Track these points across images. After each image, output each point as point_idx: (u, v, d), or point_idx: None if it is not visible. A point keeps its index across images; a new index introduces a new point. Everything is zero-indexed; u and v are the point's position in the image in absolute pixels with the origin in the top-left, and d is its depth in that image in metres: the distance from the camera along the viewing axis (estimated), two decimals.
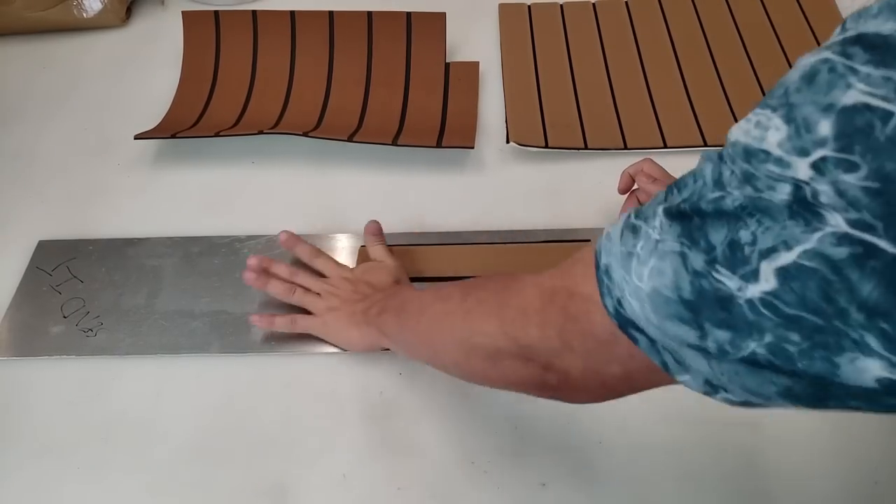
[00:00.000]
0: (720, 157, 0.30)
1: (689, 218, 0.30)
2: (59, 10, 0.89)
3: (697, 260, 0.29)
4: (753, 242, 0.27)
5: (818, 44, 0.82)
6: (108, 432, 0.57)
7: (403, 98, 0.79)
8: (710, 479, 0.53)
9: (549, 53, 0.84)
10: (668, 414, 0.56)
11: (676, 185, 0.32)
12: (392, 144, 0.73)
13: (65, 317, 0.64)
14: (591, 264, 0.35)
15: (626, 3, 0.89)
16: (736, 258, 0.28)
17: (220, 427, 0.57)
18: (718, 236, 0.29)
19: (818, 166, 0.25)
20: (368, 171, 0.74)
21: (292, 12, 0.82)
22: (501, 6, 0.90)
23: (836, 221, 0.25)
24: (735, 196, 0.28)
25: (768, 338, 0.28)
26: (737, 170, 0.28)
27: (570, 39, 0.86)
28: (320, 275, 0.63)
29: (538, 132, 0.75)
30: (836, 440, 0.54)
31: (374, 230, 0.65)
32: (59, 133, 0.80)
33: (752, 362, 0.29)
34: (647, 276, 0.31)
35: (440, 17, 0.80)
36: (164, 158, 0.77)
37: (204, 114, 0.79)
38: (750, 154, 0.28)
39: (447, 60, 0.81)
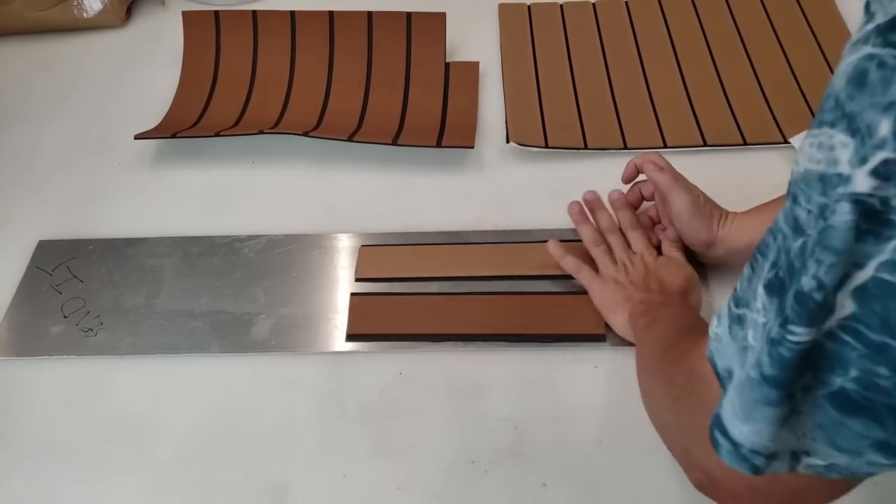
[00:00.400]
0: (792, 197, 0.26)
1: (784, 286, 0.26)
2: (59, 10, 0.89)
3: (774, 328, 0.26)
4: (820, 287, 0.24)
5: (818, 44, 0.82)
6: (108, 432, 0.57)
7: (403, 98, 0.79)
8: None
9: (549, 53, 0.84)
10: None
11: (759, 250, 0.29)
12: (392, 144, 0.73)
13: (65, 317, 0.64)
14: (713, 377, 0.33)
15: (626, 3, 0.89)
16: (807, 305, 0.25)
17: (219, 427, 0.57)
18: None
19: (879, 172, 0.23)
20: (368, 171, 0.74)
21: (292, 12, 0.82)
22: (501, 6, 0.90)
23: None
24: (814, 237, 0.25)
25: (853, 371, 0.25)
26: (814, 206, 0.25)
27: (570, 39, 0.85)
28: (628, 246, 0.63)
29: (538, 132, 0.75)
30: None
31: (674, 237, 0.61)
32: (59, 133, 0.80)
33: (842, 401, 0.26)
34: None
35: (440, 17, 0.80)
36: (164, 158, 0.77)
37: (204, 114, 0.79)
38: (826, 182, 0.24)
39: (447, 60, 0.81)
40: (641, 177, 0.64)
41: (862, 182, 0.23)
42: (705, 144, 0.73)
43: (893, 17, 0.23)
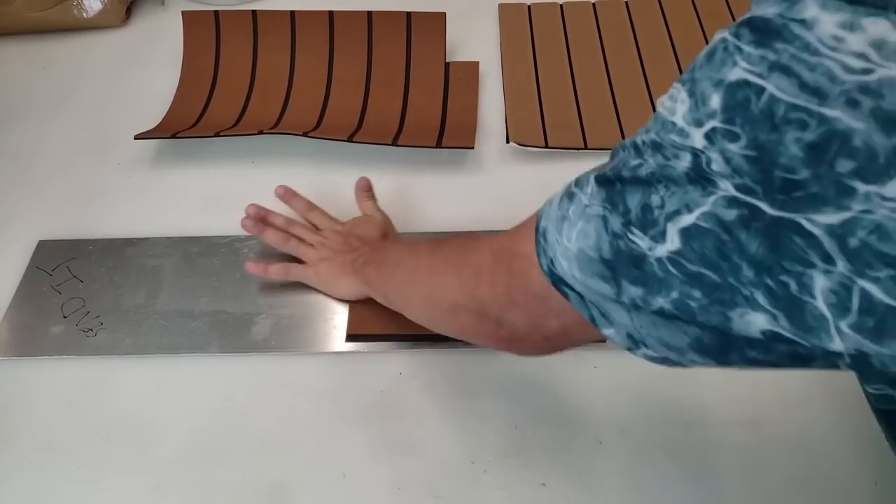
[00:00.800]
0: (645, 126, 0.32)
1: (612, 184, 0.33)
2: (59, 10, 0.89)
3: (616, 222, 0.32)
4: (662, 206, 0.30)
5: None
6: (108, 432, 0.57)
7: (403, 98, 0.79)
8: (711, 480, 0.53)
9: (549, 53, 0.84)
10: (668, 414, 0.56)
11: (611, 154, 0.35)
12: (392, 144, 0.73)
13: (65, 317, 0.64)
14: (533, 227, 0.38)
15: (626, 3, 0.89)
16: (647, 220, 0.31)
17: (219, 427, 0.57)
18: (634, 200, 0.31)
19: (710, 136, 0.28)
20: (368, 171, 0.74)
21: (292, 12, 0.82)
22: (501, 6, 0.90)
23: (726, 186, 0.28)
24: (649, 163, 0.31)
25: (674, 294, 0.30)
26: (647, 138, 0.31)
27: (570, 39, 0.86)
28: (314, 228, 0.67)
29: (538, 132, 0.75)
30: (835, 440, 0.54)
31: (364, 186, 0.68)
32: (59, 133, 0.80)
33: (662, 315, 0.31)
34: (574, 237, 0.34)
35: (440, 17, 0.80)
36: (164, 158, 0.77)
37: (204, 114, 0.79)
38: (663, 125, 0.30)
39: (447, 60, 0.81)
40: None
41: (698, 140, 0.28)
42: None
43: (751, 16, 0.28)
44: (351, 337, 0.61)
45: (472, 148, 0.73)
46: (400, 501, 0.53)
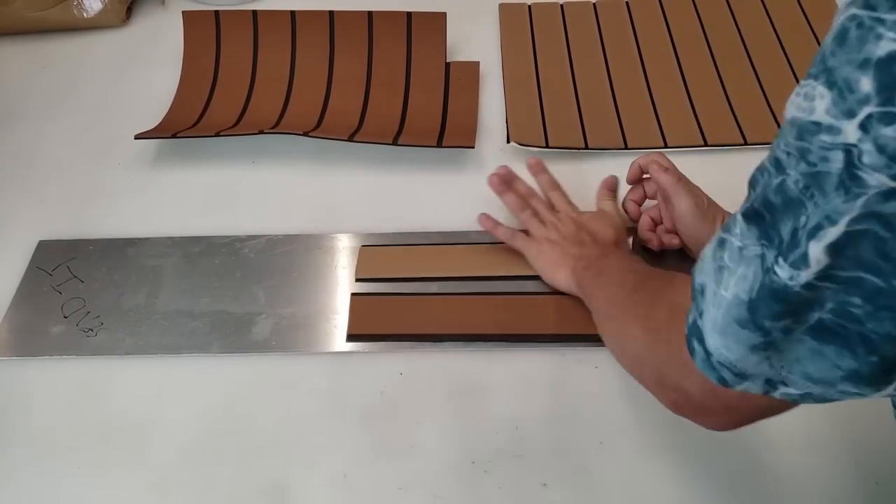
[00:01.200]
0: (781, 137, 0.29)
1: (761, 216, 0.29)
2: (59, 10, 0.89)
3: (770, 257, 0.29)
4: (805, 224, 0.26)
5: (818, 44, 0.82)
6: (109, 432, 0.57)
7: (403, 98, 0.79)
8: (711, 480, 0.53)
9: (550, 53, 0.84)
10: (669, 414, 0.55)
11: (750, 183, 0.31)
12: (392, 144, 0.73)
13: (65, 317, 0.64)
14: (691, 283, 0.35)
15: (627, 3, 0.89)
16: (791, 245, 0.27)
17: (220, 427, 0.57)
18: (787, 228, 0.28)
19: (865, 125, 0.24)
20: (368, 171, 0.74)
21: (292, 12, 0.82)
22: (501, 6, 0.90)
23: (879, 181, 0.24)
24: (794, 177, 0.27)
25: (830, 304, 0.27)
26: (792, 149, 0.27)
27: (571, 39, 0.85)
28: (552, 207, 0.66)
29: (538, 132, 0.75)
30: (836, 440, 0.54)
31: (611, 184, 0.68)
32: (59, 133, 0.80)
33: (819, 332, 0.28)
34: (732, 284, 0.31)
35: (440, 17, 0.80)
36: (164, 158, 0.77)
37: (204, 114, 0.79)
38: (802, 129, 0.27)
39: (447, 60, 0.81)
40: (645, 175, 0.64)
41: (852, 133, 0.25)
42: (706, 144, 0.73)
43: None
44: (351, 337, 0.61)
45: (473, 147, 0.73)
46: (400, 501, 0.53)
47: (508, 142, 0.74)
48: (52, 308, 0.64)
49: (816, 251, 0.26)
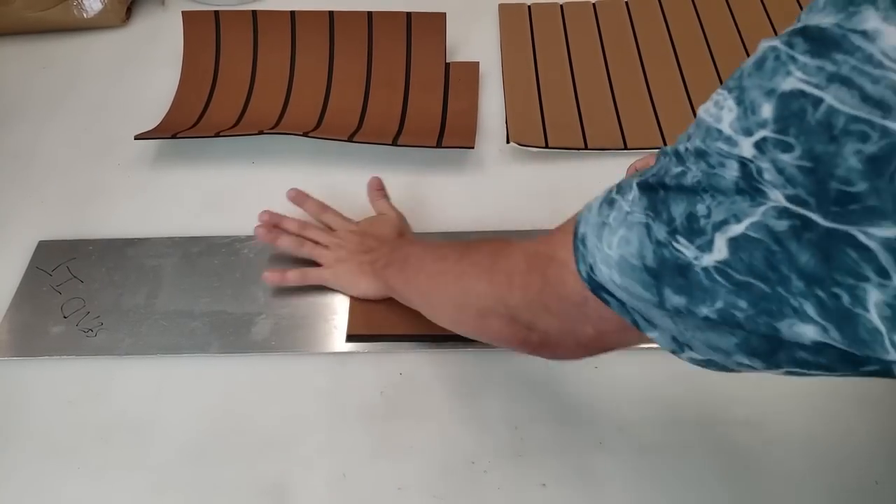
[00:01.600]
0: (687, 132, 0.32)
1: (655, 191, 0.32)
2: (59, 10, 0.89)
3: (660, 231, 0.31)
4: (708, 215, 0.30)
5: None
6: (108, 432, 0.57)
7: (403, 98, 0.79)
8: (711, 480, 0.53)
9: (549, 53, 0.84)
10: (669, 415, 0.56)
11: (656, 159, 0.34)
12: (392, 144, 0.73)
13: (65, 317, 0.64)
14: (571, 232, 0.38)
15: (626, 3, 0.89)
16: (693, 229, 0.30)
17: (220, 427, 0.57)
18: (678, 209, 0.31)
19: (760, 146, 0.28)
20: (368, 171, 0.74)
21: (292, 12, 0.82)
22: (501, 6, 0.90)
23: (777, 197, 0.27)
24: (693, 172, 0.30)
25: (719, 304, 0.30)
26: (691, 146, 0.31)
27: (570, 39, 0.86)
28: (329, 229, 0.66)
29: (538, 132, 0.75)
30: (836, 440, 0.54)
31: (377, 185, 0.68)
32: (59, 133, 0.80)
33: (708, 323, 0.31)
34: (615, 244, 0.34)
35: (440, 17, 0.80)
36: (164, 158, 0.77)
37: (204, 114, 0.79)
38: (707, 132, 0.30)
39: (447, 60, 0.81)
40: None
41: (747, 149, 0.28)
42: None
43: (804, 26, 0.28)
44: (351, 337, 0.61)
45: (473, 148, 0.73)
46: (400, 502, 0.53)
47: (508, 142, 0.74)
48: (52, 308, 0.64)
49: (720, 241, 0.29)
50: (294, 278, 0.63)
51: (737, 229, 0.29)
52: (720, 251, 0.29)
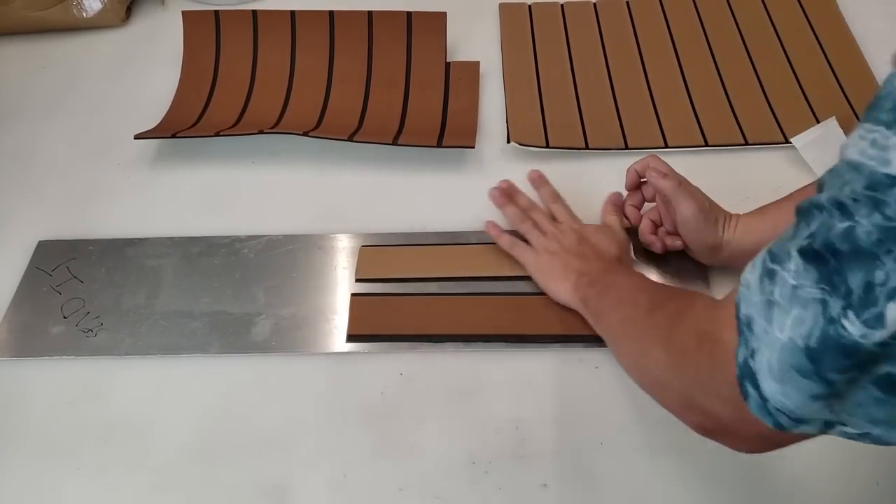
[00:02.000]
0: (840, 178, 0.28)
1: (824, 260, 0.28)
2: (58, 9, 0.89)
3: (836, 306, 0.27)
4: (885, 282, 0.26)
5: (819, 44, 0.82)
6: (108, 432, 0.57)
7: (403, 98, 0.79)
8: (711, 481, 0.52)
9: (550, 53, 0.84)
10: (669, 415, 0.55)
11: (802, 214, 0.30)
12: (392, 144, 0.73)
13: (65, 317, 0.64)
14: (733, 311, 0.34)
15: (627, 2, 0.89)
16: (866, 301, 0.26)
17: (220, 427, 0.57)
18: (856, 279, 0.27)
19: None
20: (368, 171, 0.74)
21: (292, 12, 0.82)
22: (502, 6, 0.90)
23: None
24: (866, 227, 0.26)
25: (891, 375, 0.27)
26: (861, 196, 0.27)
27: (571, 39, 0.85)
28: (553, 219, 0.65)
29: (539, 132, 0.75)
30: (836, 440, 0.54)
31: (616, 200, 0.66)
32: (59, 133, 0.80)
33: (886, 384, 0.27)
34: (789, 325, 0.30)
35: (440, 17, 0.80)
36: (164, 158, 0.77)
37: (204, 113, 0.79)
38: (875, 180, 0.26)
39: (447, 60, 0.81)
40: (643, 179, 0.64)
41: None
42: (706, 144, 0.73)
43: None
44: (351, 337, 0.61)
45: (473, 147, 0.73)
46: (400, 502, 0.53)
47: (508, 142, 0.74)
48: (52, 308, 0.64)
49: (893, 314, 0.25)
50: (506, 242, 0.64)
51: None
52: (893, 324, 0.26)
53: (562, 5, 0.89)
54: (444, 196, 0.71)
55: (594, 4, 0.89)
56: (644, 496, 0.52)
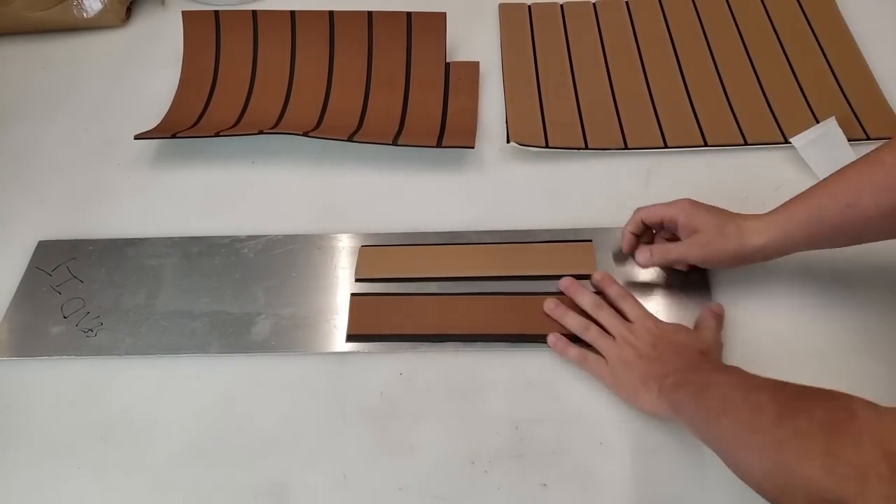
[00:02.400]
0: None
1: None
2: (58, 10, 0.89)
3: None
4: None
5: (819, 44, 0.82)
6: (108, 432, 0.57)
7: (403, 98, 0.79)
8: (711, 480, 0.52)
9: (550, 53, 0.84)
10: None
11: None
12: (392, 144, 0.73)
13: (65, 317, 0.64)
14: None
15: (627, 2, 0.89)
16: None
17: (220, 427, 0.57)
18: None
19: None
20: (368, 171, 0.74)
21: (292, 12, 0.82)
22: (501, 6, 0.90)
23: None
24: None
25: None
26: None
27: (571, 39, 0.85)
28: (623, 318, 0.59)
29: (538, 132, 0.75)
30: None
31: (718, 312, 0.59)
32: (59, 133, 0.80)
33: None
34: None
35: (440, 17, 0.80)
36: (164, 158, 0.77)
37: (204, 114, 0.79)
38: None
39: (447, 60, 0.81)
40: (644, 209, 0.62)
41: None
42: (706, 144, 0.73)
43: None
44: (351, 337, 0.61)
45: (473, 147, 0.73)
46: (400, 501, 0.53)
47: (508, 142, 0.74)
48: (52, 308, 0.64)
49: None
50: (574, 356, 0.58)
51: None
52: None
53: (561, 5, 0.89)
54: (444, 196, 0.72)
55: (594, 5, 0.89)
56: (643, 496, 0.52)
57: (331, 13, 0.82)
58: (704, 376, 0.50)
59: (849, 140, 0.70)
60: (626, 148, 0.74)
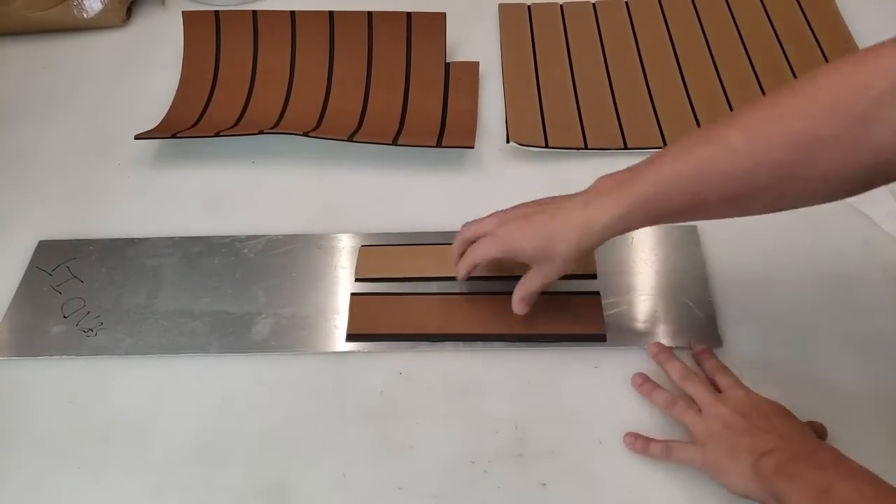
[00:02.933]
0: None
1: None
2: (59, 10, 0.89)
3: None
4: None
5: (819, 44, 0.82)
6: (108, 432, 0.57)
7: (403, 98, 0.79)
8: (711, 481, 0.52)
9: (549, 53, 0.84)
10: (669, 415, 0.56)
11: None
12: (392, 144, 0.73)
13: (65, 317, 0.64)
14: None
15: (626, 3, 0.89)
16: None
17: (220, 427, 0.57)
18: None
19: None
20: (368, 171, 0.74)
21: (292, 12, 0.82)
22: (501, 6, 0.90)
23: None
24: None
25: None
26: None
27: (570, 39, 0.86)
28: (713, 387, 0.54)
29: (538, 132, 0.75)
30: (835, 441, 0.54)
31: (819, 428, 0.53)
32: (60, 133, 0.80)
33: None
34: None
35: (440, 17, 0.80)
36: (164, 158, 0.77)
37: (204, 114, 0.79)
38: None
39: (447, 60, 0.81)
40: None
41: None
42: None
43: None
44: (351, 337, 0.61)
45: (472, 148, 0.73)
46: (400, 501, 0.53)
47: (508, 142, 0.74)
48: (52, 308, 0.64)
49: None
50: (657, 452, 0.53)
51: None
52: None
53: (561, 6, 0.89)
54: (444, 196, 0.72)
55: (593, 5, 0.89)
56: (643, 496, 0.52)
57: (331, 13, 0.82)
58: (824, 476, 0.43)
59: None
60: (626, 148, 0.74)
